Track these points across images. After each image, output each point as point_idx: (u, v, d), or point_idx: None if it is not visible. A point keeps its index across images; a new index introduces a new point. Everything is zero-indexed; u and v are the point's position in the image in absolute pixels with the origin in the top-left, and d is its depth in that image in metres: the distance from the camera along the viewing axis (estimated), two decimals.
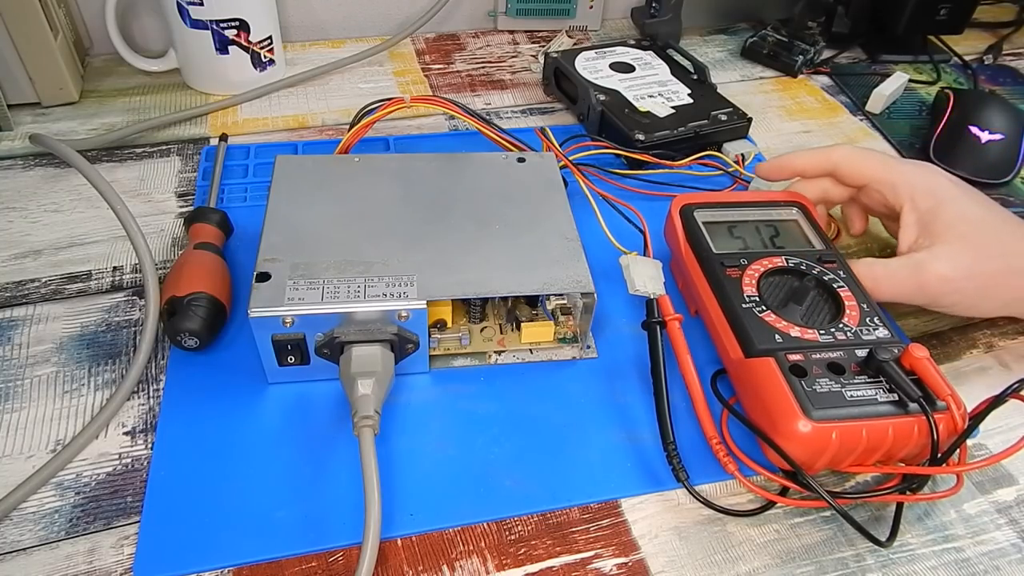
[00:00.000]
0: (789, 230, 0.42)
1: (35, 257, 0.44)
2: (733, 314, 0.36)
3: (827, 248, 0.40)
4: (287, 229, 0.38)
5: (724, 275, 0.38)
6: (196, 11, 0.54)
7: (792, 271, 0.38)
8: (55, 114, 0.55)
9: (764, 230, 0.42)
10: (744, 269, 0.38)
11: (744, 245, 0.40)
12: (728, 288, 0.37)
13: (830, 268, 0.38)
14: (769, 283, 0.38)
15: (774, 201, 0.43)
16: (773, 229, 0.42)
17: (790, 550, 0.32)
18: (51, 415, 0.36)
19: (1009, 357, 0.42)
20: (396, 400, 0.37)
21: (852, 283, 0.38)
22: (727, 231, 0.41)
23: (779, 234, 0.41)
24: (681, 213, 0.42)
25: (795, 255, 0.39)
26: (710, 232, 0.41)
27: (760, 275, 0.38)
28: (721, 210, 0.42)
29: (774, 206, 0.43)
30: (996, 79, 0.68)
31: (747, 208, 0.43)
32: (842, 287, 0.37)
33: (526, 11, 0.70)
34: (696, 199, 0.43)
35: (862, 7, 0.68)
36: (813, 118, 0.61)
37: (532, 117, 0.59)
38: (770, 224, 0.42)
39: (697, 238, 0.40)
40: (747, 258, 0.39)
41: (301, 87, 0.61)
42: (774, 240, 0.41)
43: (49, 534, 0.31)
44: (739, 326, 0.36)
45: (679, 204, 0.42)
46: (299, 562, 0.31)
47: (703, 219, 0.41)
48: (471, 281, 0.36)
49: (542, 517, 0.33)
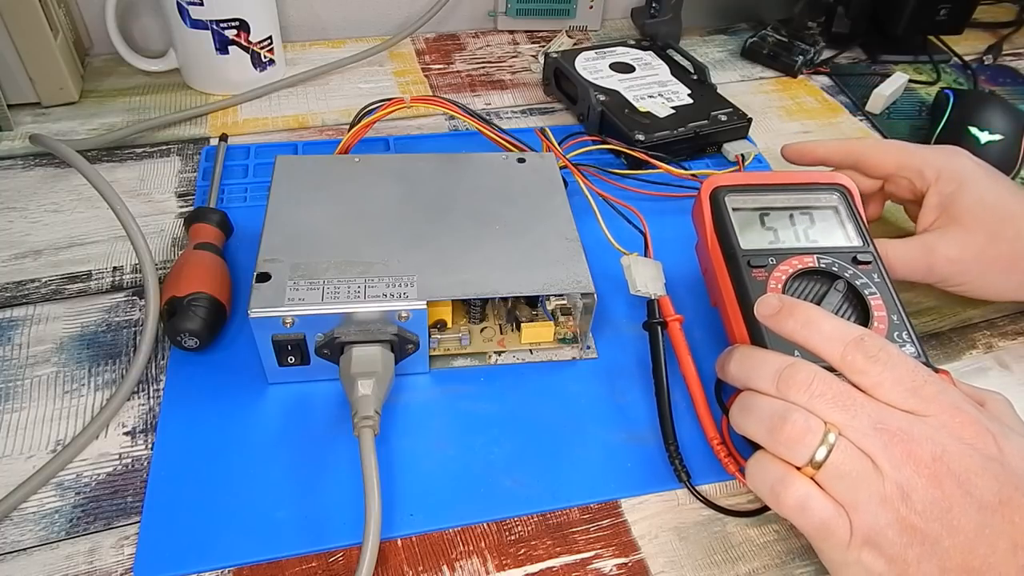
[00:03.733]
0: (826, 220, 0.39)
1: (35, 257, 0.44)
2: (753, 323, 0.34)
3: (864, 244, 0.37)
4: (287, 229, 0.38)
5: (749, 277, 0.36)
6: (196, 11, 0.54)
7: (822, 273, 0.36)
8: (55, 114, 0.55)
9: (799, 219, 0.39)
10: (771, 271, 0.36)
11: (775, 238, 0.38)
12: (752, 292, 0.35)
13: (864, 270, 0.36)
14: (796, 288, 0.36)
15: (814, 184, 0.40)
16: (808, 218, 0.39)
17: (790, 550, 0.32)
18: (51, 415, 0.36)
19: (1009, 357, 0.42)
20: (396, 400, 0.37)
21: (885, 289, 0.35)
22: (758, 220, 0.38)
23: (814, 224, 0.38)
24: (711, 197, 0.39)
25: (828, 253, 0.36)
26: (739, 222, 0.38)
27: (787, 278, 0.36)
28: (755, 194, 0.39)
29: (813, 190, 0.39)
30: (996, 79, 0.68)
31: (783, 192, 0.39)
32: (873, 294, 0.35)
33: (526, 11, 0.70)
34: (729, 180, 0.39)
35: (862, 7, 0.68)
36: (813, 118, 0.61)
37: (532, 117, 0.59)
38: (806, 212, 0.39)
39: (725, 229, 0.37)
40: (776, 257, 0.36)
41: (301, 87, 0.61)
42: (808, 232, 0.38)
43: (49, 534, 0.31)
44: (758, 336, 0.34)
45: (710, 187, 0.39)
46: (299, 562, 0.31)
47: (734, 205, 0.38)
48: (471, 281, 0.36)
49: (542, 517, 0.33)
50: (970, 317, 0.44)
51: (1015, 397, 0.39)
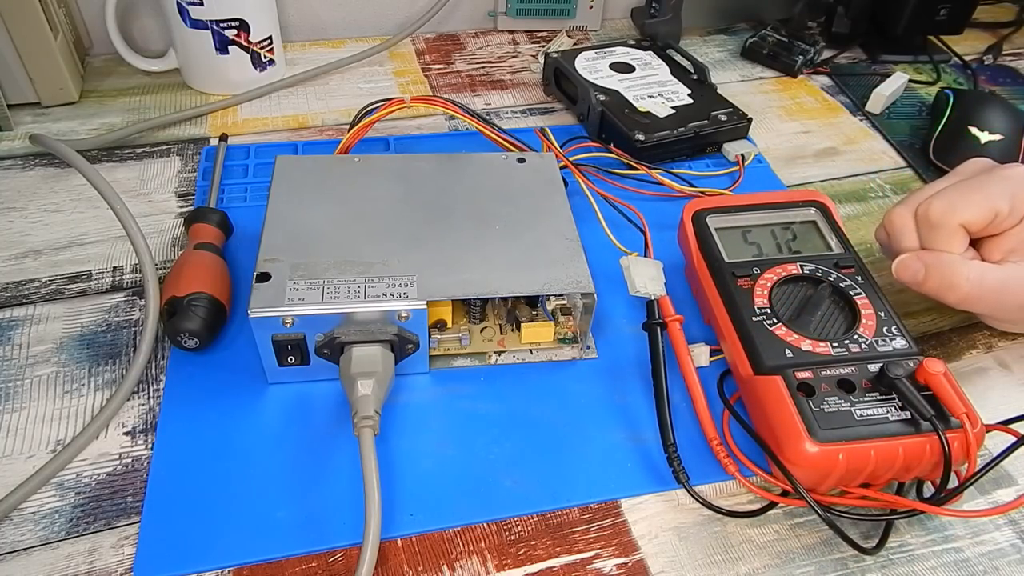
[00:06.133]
0: (807, 233, 0.40)
1: (35, 257, 0.44)
2: (743, 328, 0.35)
3: (846, 251, 0.39)
4: (287, 229, 0.38)
5: (735, 286, 0.37)
6: (196, 11, 0.54)
7: (807, 279, 0.37)
8: (55, 114, 0.55)
9: (780, 234, 0.40)
10: (756, 279, 0.37)
11: (758, 251, 0.39)
12: (739, 300, 0.36)
13: (847, 274, 0.37)
14: (782, 292, 0.37)
15: (791, 202, 0.41)
16: (790, 232, 0.40)
17: (790, 551, 0.32)
18: (51, 415, 0.36)
19: (1009, 357, 0.42)
20: (396, 400, 0.37)
21: (870, 289, 0.36)
22: (741, 237, 0.40)
23: (796, 238, 0.40)
24: (693, 219, 0.40)
25: (811, 261, 0.38)
26: (723, 239, 0.39)
27: (773, 284, 0.37)
28: (735, 214, 0.41)
29: (791, 207, 0.41)
30: (996, 79, 0.68)
31: (763, 211, 0.41)
32: (859, 294, 0.36)
33: (526, 11, 0.70)
34: (709, 203, 0.41)
35: (862, 7, 0.68)
36: (813, 118, 0.61)
37: (532, 117, 0.59)
38: (787, 227, 0.40)
39: (709, 246, 0.39)
40: (760, 266, 0.38)
41: (301, 87, 0.61)
42: (790, 244, 0.40)
43: (49, 534, 0.31)
44: (749, 341, 0.35)
45: (691, 210, 0.41)
46: (299, 562, 0.31)
47: (716, 225, 0.40)
48: (471, 281, 0.36)
49: (542, 517, 0.33)
50: (970, 317, 0.44)
51: (1015, 397, 0.40)
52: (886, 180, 0.55)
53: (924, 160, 0.57)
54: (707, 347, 0.39)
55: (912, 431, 0.31)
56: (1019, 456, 0.34)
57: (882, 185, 0.54)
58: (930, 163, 0.56)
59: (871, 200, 0.53)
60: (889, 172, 0.56)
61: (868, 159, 0.57)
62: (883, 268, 0.46)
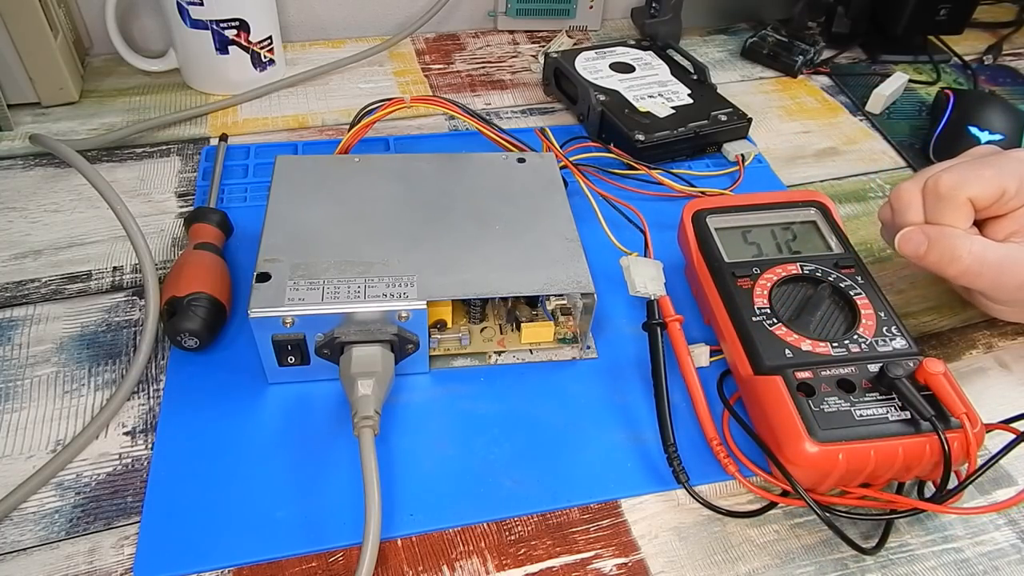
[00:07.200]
0: (807, 233, 0.40)
1: (35, 257, 0.44)
2: (743, 328, 0.35)
3: (846, 251, 0.39)
4: (287, 229, 0.38)
5: (735, 286, 0.37)
6: (196, 11, 0.54)
7: (806, 279, 0.37)
8: (55, 114, 0.55)
9: (780, 234, 0.40)
10: (756, 279, 0.37)
11: (758, 251, 0.39)
12: (739, 300, 0.36)
13: (847, 274, 0.37)
14: (782, 292, 0.37)
15: (791, 202, 0.41)
16: (790, 233, 0.40)
17: (790, 550, 0.32)
18: (51, 415, 0.36)
19: (1009, 357, 0.42)
20: (396, 400, 0.37)
21: (870, 289, 0.36)
22: (741, 237, 0.40)
23: (796, 238, 0.40)
24: (693, 220, 0.40)
25: (811, 261, 0.38)
26: (723, 239, 0.39)
27: (773, 284, 0.37)
28: (735, 214, 0.41)
29: (791, 207, 0.41)
30: (996, 79, 0.68)
31: (762, 211, 0.41)
32: (859, 294, 0.36)
33: (526, 11, 0.70)
34: (709, 204, 0.41)
35: (862, 7, 0.68)
36: (813, 118, 0.61)
37: (532, 117, 0.59)
38: (787, 227, 0.40)
39: (709, 246, 0.39)
40: (760, 267, 0.37)
41: (301, 87, 0.61)
42: (790, 245, 0.40)
43: (49, 534, 0.31)
44: (748, 341, 0.35)
45: (691, 210, 0.41)
46: (299, 562, 0.31)
47: (716, 225, 0.40)
48: (471, 281, 0.36)
49: (542, 517, 0.33)
50: (970, 317, 0.44)
51: (1015, 397, 0.40)
52: (886, 180, 0.55)
53: (924, 160, 0.57)
54: (707, 347, 0.39)
55: (912, 431, 0.31)
56: (1019, 456, 0.34)
57: (882, 185, 0.54)
58: (930, 163, 0.56)
59: (871, 200, 0.53)
60: (889, 172, 0.56)
61: (868, 159, 0.57)
62: (883, 268, 0.46)
